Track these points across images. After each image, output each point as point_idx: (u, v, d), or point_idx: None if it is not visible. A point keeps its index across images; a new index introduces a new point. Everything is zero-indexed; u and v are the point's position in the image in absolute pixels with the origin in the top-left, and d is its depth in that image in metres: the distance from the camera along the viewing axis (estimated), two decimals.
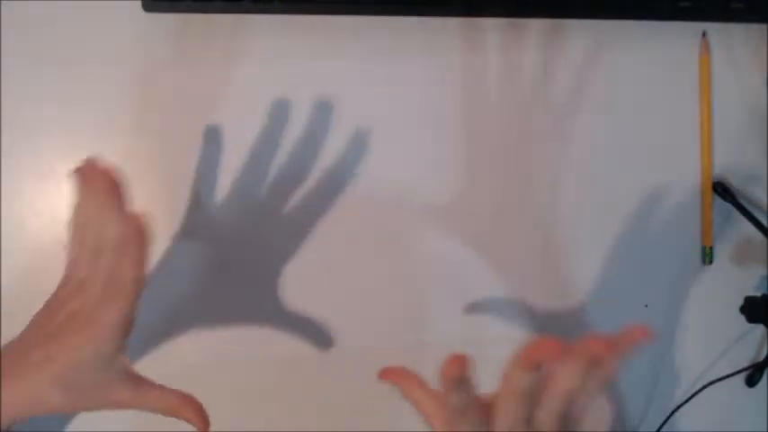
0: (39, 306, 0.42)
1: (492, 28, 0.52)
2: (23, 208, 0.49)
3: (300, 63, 0.51)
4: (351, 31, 0.51)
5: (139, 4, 0.48)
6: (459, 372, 0.33)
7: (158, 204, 0.50)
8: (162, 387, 0.39)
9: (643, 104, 0.53)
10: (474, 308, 0.53)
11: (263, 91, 0.50)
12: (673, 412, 0.53)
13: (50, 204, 0.49)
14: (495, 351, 0.54)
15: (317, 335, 0.52)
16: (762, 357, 0.55)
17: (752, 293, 0.51)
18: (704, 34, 0.53)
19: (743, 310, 0.51)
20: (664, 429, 0.53)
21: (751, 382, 0.55)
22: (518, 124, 0.52)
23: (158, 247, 0.50)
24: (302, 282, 0.52)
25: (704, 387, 0.53)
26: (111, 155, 0.50)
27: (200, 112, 0.50)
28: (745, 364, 0.54)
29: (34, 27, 0.48)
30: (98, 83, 0.49)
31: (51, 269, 0.49)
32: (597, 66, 0.53)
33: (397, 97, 0.52)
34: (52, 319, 0.37)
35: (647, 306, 0.54)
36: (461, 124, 0.52)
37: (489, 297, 0.53)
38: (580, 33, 0.52)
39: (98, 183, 0.38)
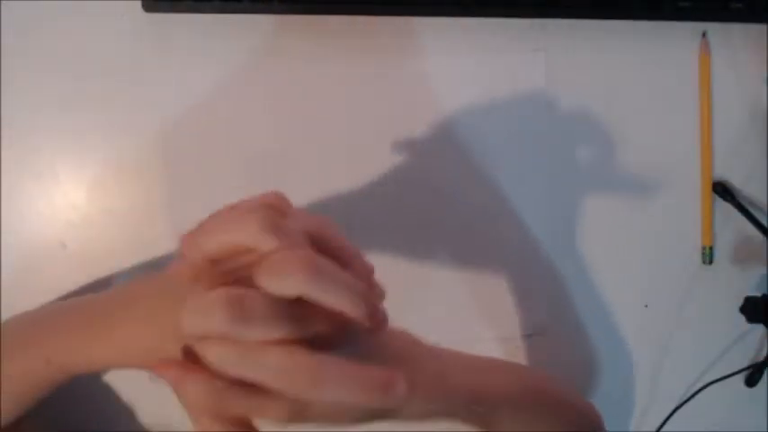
0: (37, 305, 0.42)
1: (491, 27, 0.52)
2: (23, 208, 0.49)
3: (300, 63, 0.51)
4: (351, 30, 0.51)
5: (139, 4, 0.48)
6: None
7: (159, 204, 0.50)
8: None
9: (643, 104, 0.53)
10: (471, 309, 0.53)
11: (264, 91, 0.50)
12: (673, 412, 0.53)
13: (50, 204, 0.49)
14: (494, 353, 0.54)
15: None
16: (762, 357, 0.55)
17: (752, 293, 0.51)
18: (704, 34, 0.53)
19: (743, 310, 0.51)
20: (664, 429, 0.53)
21: (751, 382, 0.55)
22: (517, 124, 0.52)
23: (158, 247, 0.50)
24: None
25: (704, 387, 0.53)
26: (112, 155, 0.50)
27: (200, 112, 0.50)
28: (746, 364, 0.54)
29: (34, 27, 0.48)
30: (98, 83, 0.49)
31: (51, 269, 0.50)
32: (597, 66, 0.53)
33: (396, 97, 0.52)
34: None
35: (647, 306, 0.54)
36: (460, 124, 0.52)
37: (486, 298, 0.53)
38: (580, 33, 0.52)
39: None
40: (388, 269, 0.52)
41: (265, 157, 0.51)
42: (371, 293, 0.32)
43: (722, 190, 0.53)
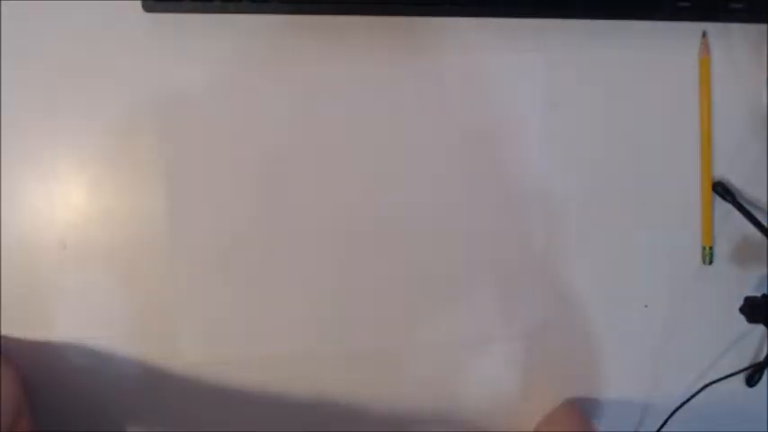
0: (37, 305, 0.42)
1: (491, 28, 0.52)
2: (23, 208, 0.49)
3: (301, 63, 0.51)
4: (351, 30, 0.51)
5: (139, 4, 0.48)
6: None
7: (158, 203, 0.50)
8: None
9: (643, 104, 0.53)
10: (471, 309, 0.53)
11: (264, 91, 0.50)
12: (673, 412, 0.53)
13: (50, 204, 0.49)
14: (495, 353, 0.54)
15: (318, 334, 0.52)
16: (762, 357, 0.55)
17: (752, 293, 0.51)
18: (704, 34, 0.53)
19: (743, 310, 0.51)
20: (664, 429, 0.53)
21: (751, 382, 0.55)
22: (518, 124, 0.52)
23: (158, 247, 0.50)
24: (303, 281, 0.52)
25: (704, 387, 0.53)
26: (111, 154, 0.50)
27: (199, 112, 0.50)
28: (746, 364, 0.54)
29: (34, 27, 0.48)
30: (98, 83, 0.49)
31: (51, 269, 0.50)
32: (597, 66, 0.53)
33: (396, 97, 0.52)
34: None
35: (646, 306, 0.54)
36: (458, 124, 0.52)
37: (486, 298, 0.53)
38: (580, 33, 0.52)
39: None
40: (393, 273, 0.53)
41: (265, 157, 0.51)
42: None
43: (722, 190, 0.53)
